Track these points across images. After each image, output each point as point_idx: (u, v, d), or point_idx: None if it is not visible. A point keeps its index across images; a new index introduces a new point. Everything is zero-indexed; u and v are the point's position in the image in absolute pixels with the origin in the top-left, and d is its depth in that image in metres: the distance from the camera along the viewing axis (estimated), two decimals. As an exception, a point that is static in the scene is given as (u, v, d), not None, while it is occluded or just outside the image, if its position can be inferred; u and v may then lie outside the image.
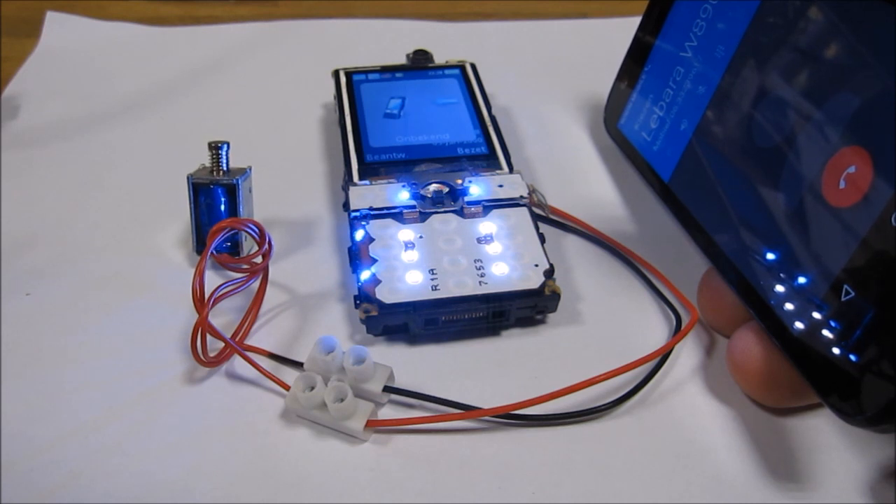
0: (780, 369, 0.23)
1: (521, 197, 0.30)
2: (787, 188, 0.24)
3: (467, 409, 0.24)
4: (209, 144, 0.29)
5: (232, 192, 0.29)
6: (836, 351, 0.21)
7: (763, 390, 0.24)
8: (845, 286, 0.21)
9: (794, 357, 0.22)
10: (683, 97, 0.30)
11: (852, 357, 0.20)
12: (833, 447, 0.24)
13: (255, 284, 0.28)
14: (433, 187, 0.30)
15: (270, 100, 0.41)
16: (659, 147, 0.31)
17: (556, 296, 0.27)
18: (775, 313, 0.23)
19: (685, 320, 0.28)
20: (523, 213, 0.30)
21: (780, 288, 0.23)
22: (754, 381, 0.24)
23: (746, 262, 0.25)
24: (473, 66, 0.37)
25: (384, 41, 0.46)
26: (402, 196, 0.30)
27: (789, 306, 0.23)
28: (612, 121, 0.36)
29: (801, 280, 0.22)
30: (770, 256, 0.24)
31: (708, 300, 0.27)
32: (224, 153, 0.29)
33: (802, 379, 0.22)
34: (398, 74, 0.37)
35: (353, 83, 0.36)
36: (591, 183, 0.35)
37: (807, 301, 0.22)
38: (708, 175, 0.28)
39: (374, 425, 0.24)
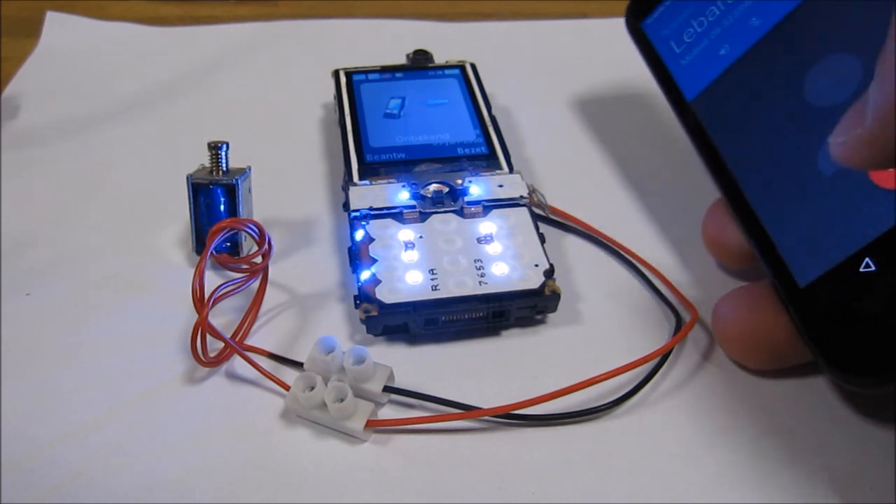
0: (765, 333, 0.24)
1: (521, 197, 0.30)
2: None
3: (467, 409, 0.24)
4: (209, 145, 0.29)
5: (231, 192, 0.29)
6: (841, 311, 0.21)
7: (747, 353, 0.26)
8: (868, 259, 0.21)
9: (796, 309, 0.22)
10: (732, 23, 0.27)
11: (855, 318, 0.21)
12: (833, 447, 0.24)
13: (255, 284, 0.28)
14: (433, 187, 0.30)
15: (270, 100, 0.41)
16: (688, 63, 0.29)
17: (556, 296, 0.27)
18: (784, 263, 0.23)
19: (685, 320, 0.28)
20: (523, 213, 0.30)
21: (795, 240, 0.23)
22: (738, 345, 0.25)
23: (765, 205, 0.24)
24: (473, 66, 0.37)
25: (384, 41, 0.46)
26: (402, 196, 0.30)
27: (802, 260, 0.23)
28: (635, 16, 0.32)
29: (822, 241, 0.22)
30: (793, 210, 0.24)
31: (712, 231, 0.28)
32: (223, 153, 0.29)
33: (799, 331, 0.22)
34: (398, 74, 0.37)
35: (353, 83, 0.36)
36: (591, 183, 0.35)
37: (821, 260, 0.22)
38: (742, 110, 0.26)
39: (374, 425, 0.24)
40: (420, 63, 0.38)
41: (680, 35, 0.29)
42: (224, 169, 0.29)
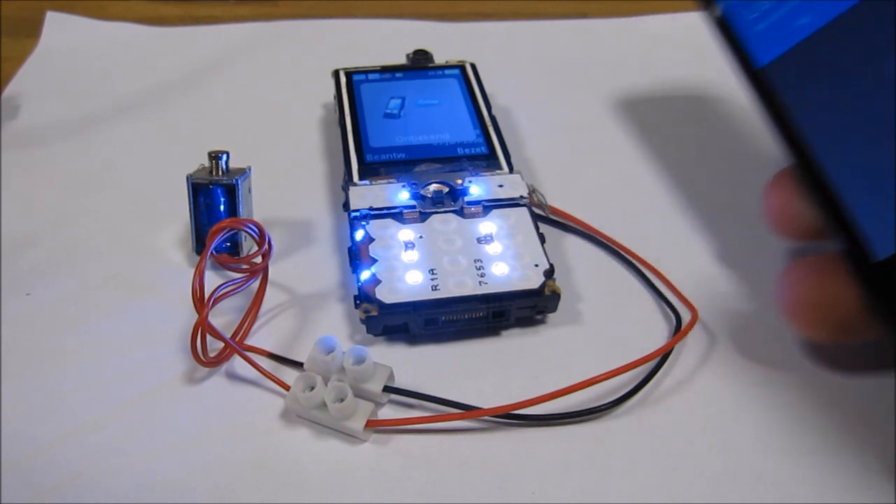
0: (836, 303, 0.23)
1: (521, 197, 0.30)
2: None
3: (467, 409, 0.24)
4: (209, 155, 0.29)
5: (231, 193, 0.29)
6: None
7: (814, 324, 0.24)
8: None
9: (869, 284, 0.21)
10: None
11: None
12: (833, 447, 0.24)
13: (255, 284, 0.28)
14: (433, 187, 0.30)
15: (270, 100, 0.41)
16: (763, 29, 0.27)
17: (556, 296, 0.27)
18: (861, 234, 0.22)
19: (685, 320, 0.28)
20: (523, 213, 0.30)
21: (876, 211, 0.22)
22: (806, 315, 0.24)
23: (844, 174, 0.23)
24: (473, 66, 0.37)
25: (384, 41, 0.46)
26: (402, 196, 0.30)
27: (881, 232, 0.22)
28: None
29: None
30: (877, 180, 0.23)
31: (778, 201, 0.26)
32: (223, 163, 0.29)
33: (871, 307, 0.21)
34: (398, 74, 0.37)
35: (353, 83, 0.36)
36: (591, 183, 0.35)
37: None
38: (823, 82, 0.25)
39: (374, 425, 0.24)
40: (420, 63, 0.38)
41: (753, 1, 0.28)
42: (224, 169, 0.29)
